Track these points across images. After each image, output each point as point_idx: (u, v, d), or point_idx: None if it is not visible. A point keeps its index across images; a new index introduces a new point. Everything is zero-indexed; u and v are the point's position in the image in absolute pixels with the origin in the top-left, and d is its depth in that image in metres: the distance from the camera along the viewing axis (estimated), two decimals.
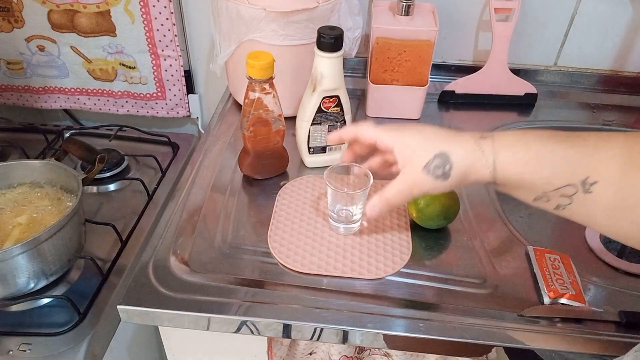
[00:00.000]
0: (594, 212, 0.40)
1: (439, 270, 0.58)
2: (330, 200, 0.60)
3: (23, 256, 0.59)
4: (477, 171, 0.43)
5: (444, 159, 0.43)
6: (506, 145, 0.42)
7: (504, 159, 0.42)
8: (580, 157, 0.39)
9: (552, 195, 0.41)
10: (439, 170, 0.44)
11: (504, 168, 0.42)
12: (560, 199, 0.41)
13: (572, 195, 0.40)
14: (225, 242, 0.60)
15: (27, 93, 1.02)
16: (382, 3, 0.84)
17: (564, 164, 0.40)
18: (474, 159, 0.43)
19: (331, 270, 0.56)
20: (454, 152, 0.44)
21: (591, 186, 0.39)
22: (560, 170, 0.40)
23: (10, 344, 0.62)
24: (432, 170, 0.44)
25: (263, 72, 0.61)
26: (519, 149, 0.42)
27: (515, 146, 0.42)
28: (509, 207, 0.68)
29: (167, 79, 0.97)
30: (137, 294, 0.53)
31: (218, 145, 0.77)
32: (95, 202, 0.84)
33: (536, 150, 0.41)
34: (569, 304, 0.53)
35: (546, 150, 0.40)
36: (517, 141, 0.42)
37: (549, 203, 0.42)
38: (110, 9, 0.89)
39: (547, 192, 0.41)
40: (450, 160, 0.43)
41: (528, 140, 0.41)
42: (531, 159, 0.41)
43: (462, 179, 0.44)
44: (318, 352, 0.67)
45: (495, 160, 0.42)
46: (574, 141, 0.40)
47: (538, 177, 0.41)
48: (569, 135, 0.41)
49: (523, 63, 0.92)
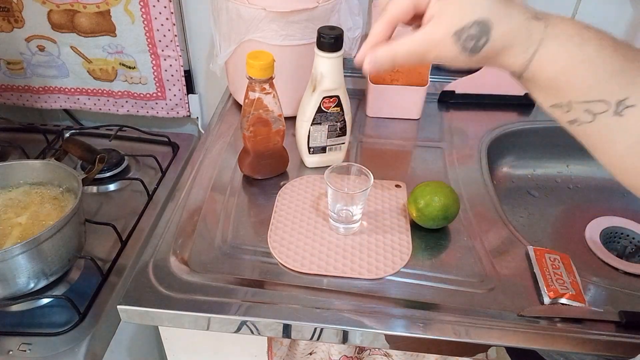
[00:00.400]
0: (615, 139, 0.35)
1: (439, 270, 0.58)
2: (330, 200, 0.60)
3: (23, 256, 0.59)
4: (511, 57, 0.37)
5: (483, 29, 0.36)
6: (558, 37, 0.35)
7: (548, 53, 0.36)
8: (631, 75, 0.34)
9: (576, 106, 0.35)
10: (471, 42, 0.36)
11: (542, 64, 0.36)
12: (583, 114, 0.35)
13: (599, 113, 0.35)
14: (225, 242, 0.60)
15: (27, 93, 1.02)
16: (382, 3, 0.84)
17: (610, 77, 0.34)
18: (515, 41, 0.36)
19: (331, 270, 0.56)
20: (498, 26, 0.36)
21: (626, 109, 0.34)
22: (603, 82, 0.34)
23: (10, 344, 0.62)
24: (463, 38, 0.36)
25: (263, 72, 0.61)
26: (570, 46, 0.35)
27: (567, 42, 0.35)
28: (509, 207, 0.68)
29: (167, 79, 0.97)
30: (137, 294, 0.53)
31: (218, 145, 0.77)
32: (95, 202, 0.84)
33: (588, 53, 0.35)
34: (569, 304, 0.53)
35: (599, 57, 0.34)
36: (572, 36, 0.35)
37: (567, 114, 0.36)
38: (110, 9, 0.89)
39: (573, 101, 0.36)
40: (490, 34, 0.36)
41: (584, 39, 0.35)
42: (578, 62, 0.35)
43: (490, 59, 0.38)
44: (318, 352, 0.67)
45: (537, 51, 0.36)
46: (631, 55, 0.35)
47: (573, 84, 0.35)
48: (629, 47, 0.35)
49: None
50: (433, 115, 0.86)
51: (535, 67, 0.36)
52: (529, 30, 0.36)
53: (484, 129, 0.82)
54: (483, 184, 0.70)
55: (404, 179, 0.70)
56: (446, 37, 0.37)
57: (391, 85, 0.81)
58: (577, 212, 0.78)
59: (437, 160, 0.75)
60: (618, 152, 0.36)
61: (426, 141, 0.80)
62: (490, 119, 0.85)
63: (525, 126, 0.85)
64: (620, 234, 0.74)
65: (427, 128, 0.83)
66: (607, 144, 0.36)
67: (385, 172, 0.71)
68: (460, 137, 0.80)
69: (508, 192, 0.81)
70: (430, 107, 0.88)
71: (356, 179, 0.61)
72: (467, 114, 0.87)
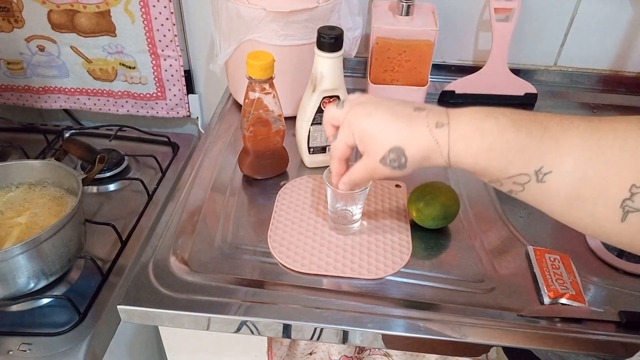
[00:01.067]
0: (548, 201, 0.40)
1: (439, 270, 0.58)
2: (330, 200, 0.60)
3: (23, 256, 0.59)
4: (432, 161, 0.44)
5: (399, 152, 0.44)
6: (462, 136, 0.42)
7: (459, 151, 0.42)
8: (537, 147, 0.39)
9: (504, 181, 0.41)
10: (395, 163, 0.45)
11: (458, 159, 0.43)
12: (513, 186, 0.41)
13: (525, 184, 0.40)
14: (225, 242, 0.60)
15: (27, 93, 1.02)
16: (382, 3, 0.84)
17: (519, 154, 0.39)
18: (428, 151, 0.44)
19: (331, 270, 0.56)
20: (408, 146, 0.44)
21: (545, 176, 0.39)
22: (515, 160, 0.40)
23: (10, 344, 0.62)
24: (388, 162, 0.45)
25: (263, 72, 0.61)
26: (474, 140, 0.41)
27: (471, 137, 0.42)
28: (509, 207, 0.68)
29: (167, 79, 0.97)
30: (137, 294, 0.53)
31: (218, 145, 0.77)
32: (95, 202, 0.84)
33: (492, 140, 0.40)
34: (569, 304, 0.53)
35: (502, 140, 0.40)
36: (474, 131, 0.42)
37: (502, 187, 0.42)
38: (110, 9, 0.89)
39: (500, 178, 0.41)
40: (405, 154, 0.44)
41: (485, 130, 0.41)
42: (486, 150, 0.41)
43: (418, 166, 0.45)
44: (318, 352, 0.67)
45: (450, 152, 0.43)
46: (533, 129, 0.40)
47: (491, 166, 0.41)
48: (531, 121, 0.40)
49: (523, 63, 0.92)
50: None
51: (454, 162, 0.43)
52: (436, 139, 0.43)
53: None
54: (483, 184, 0.70)
55: (404, 179, 0.70)
56: (376, 164, 0.46)
57: (391, 85, 0.81)
58: None
59: None
60: (557, 210, 0.40)
61: None
62: None
63: None
64: None
65: None
66: (546, 205, 0.41)
67: None
68: None
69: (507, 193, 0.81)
70: None
71: None
72: None
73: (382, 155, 0.45)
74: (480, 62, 0.89)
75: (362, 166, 0.49)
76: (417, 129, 0.44)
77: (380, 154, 0.45)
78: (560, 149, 0.38)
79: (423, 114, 0.45)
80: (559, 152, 0.38)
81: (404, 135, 0.44)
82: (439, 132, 0.43)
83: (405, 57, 0.79)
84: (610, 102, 0.91)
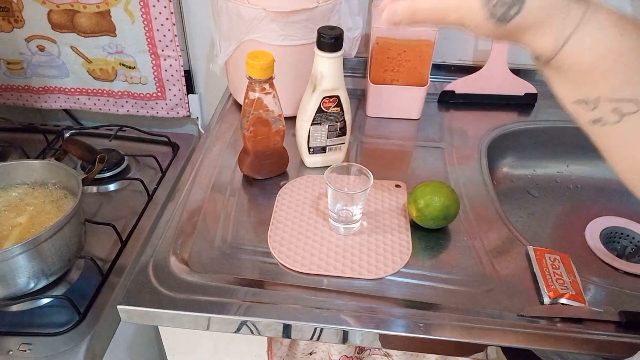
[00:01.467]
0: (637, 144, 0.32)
1: (439, 270, 0.58)
2: (330, 200, 0.60)
3: (23, 256, 0.59)
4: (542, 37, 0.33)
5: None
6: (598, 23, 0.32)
7: (584, 40, 0.32)
8: None
9: (605, 104, 0.32)
10: (501, 9, 0.33)
11: (576, 50, 0.32)
12: (610, 114, 0.32)
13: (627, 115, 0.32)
14: (225, 242, 0.60)
15: (27, 93, 1.02)
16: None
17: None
18: (550, 19, 0.32)
19: (331, 270, 0.56)
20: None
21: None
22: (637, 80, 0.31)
23: (10, 344, 0.62)
24: (493, 3, 0.33)
25: (263, 72, 0.61)
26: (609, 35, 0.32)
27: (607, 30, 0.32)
28: (509, 207, 0.68)
29: (167, 79, 0.97)
30: (137, 294, 0.53)
31: (218, 145, 0.77)
32: (95, 202, 0.84)
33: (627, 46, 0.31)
34: (569, 304, 0.53)
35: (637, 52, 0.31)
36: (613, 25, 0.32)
37: (592, 112, 0.33)
38: (110, 9, 0.89)
39: (602, 98, 0.32)
40: (524, 4, 0.32)
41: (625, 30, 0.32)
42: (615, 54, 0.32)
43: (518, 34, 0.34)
44: (318, 352, 0.67)
45: (573, 35, 0.32)
46: None
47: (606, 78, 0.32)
48: None
49: (523, 63, 0.92)
50: (433, 115, 0.86)
51: (568, 53, 0.33)
52: (567, 9, 0.32)
53: (484, 129, 0.82)
54: (483, 184, 0.70)
55: (404, 179, 0.70)
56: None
57: (391, 85, 0.81)
58: (577, 212, 0.78)
59: (437, 160, 0.75)
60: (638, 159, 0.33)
61: (426, 141, 0.80)
62: (490, 119, 0.85)
63: (525, 126, 0.85)
64: (620, 234, 0.74)
65: (427, 128, 0.83)
66: (629, 149, 0.33)
67: (385, 172, 0.71)
68: (460, 137, 0.80)
69: (508, 192, 0.81)
70: (430, 107, 0.88)
71: (356, 179, 0.61)
72: (467, 114, 0.87)
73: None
74: (480, 62, 0.89)
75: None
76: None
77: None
78: None
79: None
80: None
81: None
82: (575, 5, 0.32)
83: (405, 57, 0.79)
84: None
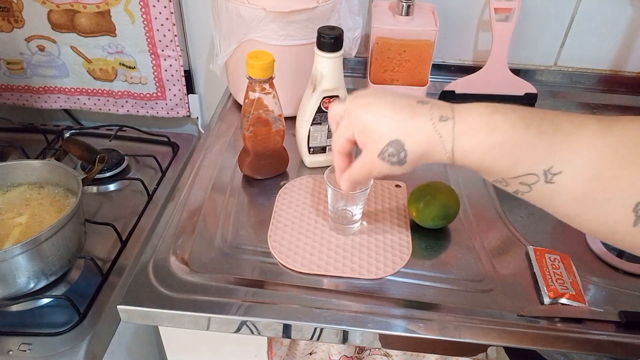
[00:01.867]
0: (556, 202, 0.38)
1: (439, 270, 0.58)
2: (330, 200, 0.60)
3: (23, 256, 0.59)
4: (434, 156, 0.42)
5: (398, 147, 0.41)
6: (468, 131, 0.39)
7: (464, 146, 0.39)
8: (549, 145, 0.37)
9: (511, 181, 0.39)
10: (393, 158, 0.42)
11: (463, 155, 0.40)
12: (520, 186, 0.39)
13: (533, 184, 0.38)
14: (225, 242, 0.60)
15: (27, 93, 1.02)
16: (382, 3, 0.84)
17: (529, 152, 0.37)
18: (430, 146, 0.41)
19: (331, 270, 0.56)
20: (408, 140, 0.41)
21: (554, 176, 0.37)
22: (523, 158, 0.37)
23: (10, 344, 0.62)
24: (387, 157, 0.43)
25: (263, 72, 0.61)
26: (482, 136, 0.38)
27: (478, 132, 0.39)
28: (509, 207, 0.68)
29: (167, 79, 0.97)
30: (137, 294, 0.53)
31: (218, 145, 0.77)
32: (95, 202, 0.84)
33: (501, 137, 0.38)
34: (569, 304, 0.53)
35: (512, 136, 0.37)
36: (482, 127, 0.39)
37: (507, 188, 0.40)
38: (110, 9, 0.89)
39: (506, 178, 0.39)
40: (405, 148, 0.41)
41: (494, 125, 0.38)
42: (494, 147, 0.38)
43: (419, 162, 0.43)
44: (318, 352, 0.67)
45: (454, 147, 0.40)
46: (544, 126, 0.37)
47: (498, 165, 0.38)
48: (541, 118, 0.38)
49: (523, 63, 0.92)
50: None
51: (459, 159, 0.40)
52: (439, 133, 0.40)
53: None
54: (483, 184, 0.70)
55: (404, 179, 0.70)
56: (374, 159, 0.44)
57: (391, 85, 0.81)
58: None
59: None
60: (566, 213, 0.38)
61: None
62: None
63: None
64: None
65: None
66: (553, 207, 0.39)
67: None
68: None
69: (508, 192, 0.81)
70: None
71: None
72: None
73: (381, 149, 0.42)
74: (480, 62, 0.89)
75: (360, 163, 0.46)
76: (419, 121, 0.41)
77: (379, 148, 0.43)
78: (572, 147, 0.36)
79: (427, 107, 0.42)
80: (571, 151, 0.36)
81: (404, 128, 0.41)
82: (442, 125, 0.40)
83: (405, 57, 0.79)
84: (610, 102, 0.91)
